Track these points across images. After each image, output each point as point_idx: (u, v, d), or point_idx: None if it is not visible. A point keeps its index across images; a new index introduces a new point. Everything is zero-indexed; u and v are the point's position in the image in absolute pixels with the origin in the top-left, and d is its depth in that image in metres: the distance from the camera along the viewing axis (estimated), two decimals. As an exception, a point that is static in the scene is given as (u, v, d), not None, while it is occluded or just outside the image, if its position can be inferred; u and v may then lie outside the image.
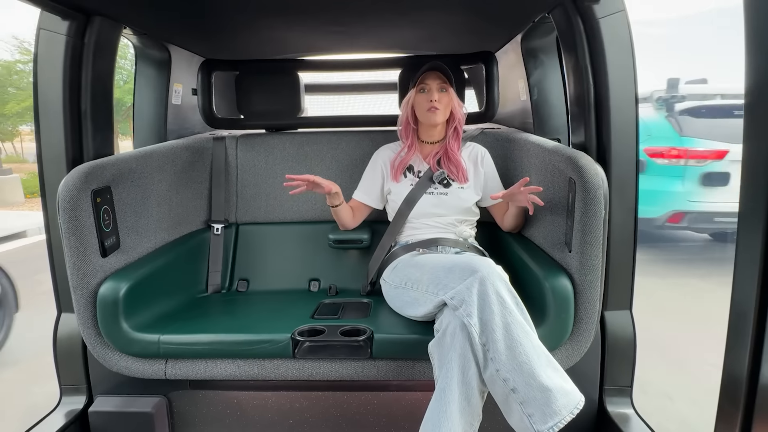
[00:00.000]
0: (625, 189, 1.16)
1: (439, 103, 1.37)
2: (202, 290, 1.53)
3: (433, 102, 1.36)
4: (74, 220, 1.09)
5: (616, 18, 1.11)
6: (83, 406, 1.28)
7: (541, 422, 0.89)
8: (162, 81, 1.62)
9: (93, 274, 1.14)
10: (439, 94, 1.37)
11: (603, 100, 1.14)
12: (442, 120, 1.40)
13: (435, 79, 1.37)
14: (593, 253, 1.07)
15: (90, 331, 1.17)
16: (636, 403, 1.25)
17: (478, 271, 0.99)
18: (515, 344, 0.93)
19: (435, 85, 1.37)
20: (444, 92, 1.38)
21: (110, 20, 1.20)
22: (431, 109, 1.36)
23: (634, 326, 1.23)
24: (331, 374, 1.16)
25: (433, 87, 1.37)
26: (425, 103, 1.37)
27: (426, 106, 1.37)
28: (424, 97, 1.38)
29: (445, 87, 1.38)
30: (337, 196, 1.39)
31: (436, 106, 1.36)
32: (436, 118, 1.38)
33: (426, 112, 1.38)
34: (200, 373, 1.18)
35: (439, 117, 1.38)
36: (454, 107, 1.41)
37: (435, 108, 1.36)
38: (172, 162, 1.45)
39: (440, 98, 1.37)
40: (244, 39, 1.54)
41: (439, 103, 1.36)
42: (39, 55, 1.15)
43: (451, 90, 1.39)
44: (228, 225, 1.63)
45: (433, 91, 1.37)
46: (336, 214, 1.44)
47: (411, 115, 1.43)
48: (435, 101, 1.36)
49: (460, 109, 1.43)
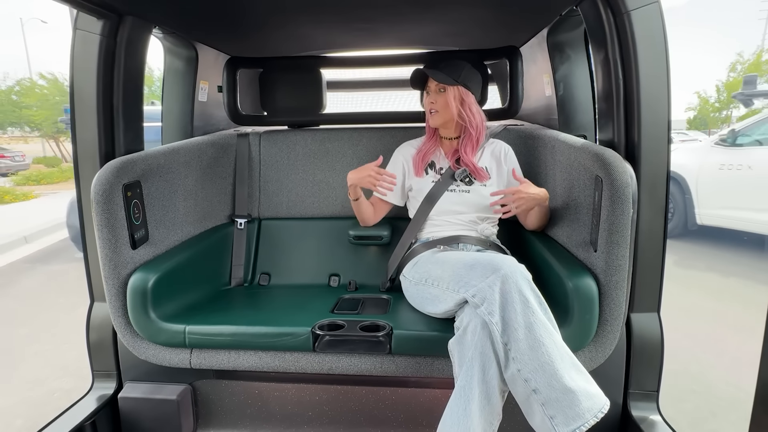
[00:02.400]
0: (655, 188, 1.12)
1: (436, 105, 1.37)
2: (225, 283, 1.57)
3: (431, 105, 1.38)
4: (107, 213, 1.13)
5: (649, 10, 1.07)
6: (114, 392, 1.34)
7: (564, 425, 0.87)
8: (189, 79, 1.66)
9: (124, 266, 1.19)
10: (436, 95, 1.37)
11: (633, 96, 1.10)
12: (440, 121, 1.39)
13: (432, 80, 1.37)
14: (620, 254, 1.04)
15: (120, 320, 1.21)
16: (663, 408, 1.22)
17: (501, 269, 0.98)
18: (538, 344, 0.91)
19: (433, 86, 1.37)
20: (442, 92, 1.36)
21: (141, 20, 1.24)
22: (430, 111, 1.39)
23: (662, 329, 1.19)
24: (351, 369, 1.17)
25: (432, 88, 1.38)
26: (426, 105, 1.41)
27: (426, 108, 1.41)
28: (426, 99, 1.41)
29: (444, 87, 1.36)
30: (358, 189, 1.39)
31: (433, 108, 1.38)
32: (435, 120, 1.39)
33: (427, 114, 1.41)
34: (224, 363, 1.21)
35: (437, 119, 1.39)
36: (460, 105, 1.36)
37: (432, 110, 1.38)
38: (198, 158, 1.49)
39: (436, 99, 1.37)
40: (270, 37, 1.56)
41: (436, 105, 1.37)
42: (75, 55, 1.19)
43: (451, 88, 1.35)
44: (251, 220, 1.67)
45: (432, 93, 1.38)
46: (357, 207, 1.44)
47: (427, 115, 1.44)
48: (433, 104, 1.38)
49: (471, 105, 1.36)
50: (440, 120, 1.38)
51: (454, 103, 1.35)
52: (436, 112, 1.37)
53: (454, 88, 1.35)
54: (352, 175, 1.33)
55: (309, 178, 1.68)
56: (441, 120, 1.38)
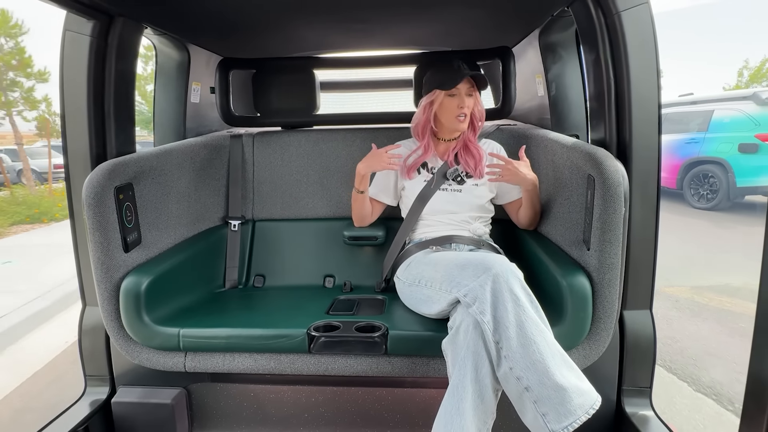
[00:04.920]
0: (646, 186, 1.13)
1: (466, 108, 1.35)
2: (219, 285, 1.56)
3: (462, 109, 1.34)
4: (99, 216, 1.12)
5: (639, 11, 1.08)
6: (107, 396, 1.33)
7: (556, 422, 0.88)
8: (181, 80, 1.65)
9: (116, 269, 1.18)
10: (467, 98, 1.35)
11: (624, 96, 1.11)
12: (467, 126, 1.39)
13: (465, 84, 1.34)
14: (612, 252, 1.05)
15: (113, 324, 1.20)
16: (655, 402, 1.23)
17: (492, 269, 0.99)
18: (529, 342, 0.92)
19: (464, 90, 1.35)
20: (470, 97, 1.36)
21: (132, 21, 1.23)
22: (460, 115, 1.34)
23: (654, 326, 1.20)
24: (346, 370, 1.17)
25: (463, 92, 1.35)
26: (455, 109, 1.34)
27: (455, 112, 1.34)
28: (453, 102, 1.34)
29: (473, 92, 1.36)
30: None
31: (465, 113, 1.35)
32: (464, 125, 1.37)
33: (454, 118, 1.35)
34: (219, 366, 1.20)
35: (466, 124, 1.37)
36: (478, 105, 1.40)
37: (464, 114, 1.35)
38: (190, 159, 1.48)
39: (467, 103, 1.35)
40: (263, 37, 1.55)
41: (466, 109, 1.35)
42: (65, 56, 1.18)
43: (476, 93, 1.37)
44: (245, 221, 1.66)
45: (462, 96, 1.35)
46: (361, 202, 1.44)
47: (433, 116, 1.40)
48: (464, 108, 1.34)
49: (480, 106, 1.41)
50: (468, 123, 1.38)
51: (478, 105, 1.38)
52: (467, 116, 1.36)
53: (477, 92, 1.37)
54: (362, 164, 1.35)
55: (303, 179, 1.68)
56: (468, 123, 1.38)
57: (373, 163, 1.34)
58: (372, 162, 1.34)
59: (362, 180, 1.38)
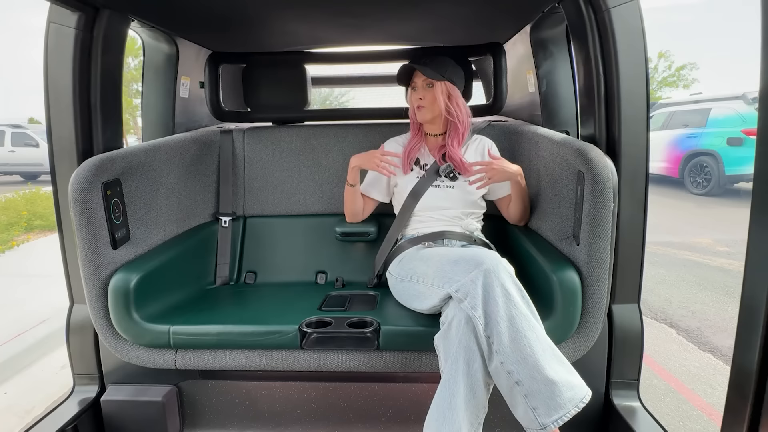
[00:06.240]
0: (635, 182, 1.15)
1: (424, 101, 1.37)
2: (210, 282, 1.55)
3: (419, 101, 1.37)
4: (85, 213, 1.10)
5: (628, 7, 1.09)
6: (96, 395, 1.31)
7: (546, 415, 0.89)
8: (170, 74, 1.63)
9: (104, 266, 1.16)
10: (423, 90, 1.37)
11: (613, 92, 1.12)
12: (429, 116, 1.39)
13: (420, 75, 1.37)
14: (601, 247, 1.06)
15: (102, 322, 1.19)
16: (642, 395, 1.25)
17: (483, 264, 0.99)
18: (519, 337, 0.93)
19: (420, 82, 1.37)
20: (430, 87, 1.36)
21: (118, 13, 1.20)
22: (418, 107, 1.38)
23: (641, 320, 1.22)
24: (339, 365, 1.17)
25: (419, 84, 1.38)
26: (414, 101, 1.39)
27: (414, 104, 1.39)
28: (414, 95, 1.40)
29: (431, 82, 1.36)
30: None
31: (421, 104, 1.37)
32: (423, 115, 1.39)
33: (415, 110, 1.40)
34: (210, 363, 1.20)
35: (425, 114, 1.39)
36: (448, 100, 1.36)
37: (420, 106, 1.38)
38: (180, 155, 1.46)
39: (425, 95, 1.37)
40: (254, 31, 1.53)
41: (424, 101, 1.37)
42: (49, 49, 1.15)
43: (439, 83, 1.35)
44: (236, 218, 1.65)
45: (419, 88, 1.38)
46: (352, 196, 1.44)
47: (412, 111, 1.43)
48: (420, 99, 1.37)
49: (457, 100, 1.37)
50: (428, 115, 1.38)
51: (442, 97, 1.35)
52: (423, 108, 1.37)
53: (442, 83, 1.35)
54: (356, 158, 1.37)
55: (294, 175, 1.67)
56: (429, 115, 1.39)
57: (366, 161, 1.35)
58: (365, 159, 1.36)
59: (352, 172, 1.39)
